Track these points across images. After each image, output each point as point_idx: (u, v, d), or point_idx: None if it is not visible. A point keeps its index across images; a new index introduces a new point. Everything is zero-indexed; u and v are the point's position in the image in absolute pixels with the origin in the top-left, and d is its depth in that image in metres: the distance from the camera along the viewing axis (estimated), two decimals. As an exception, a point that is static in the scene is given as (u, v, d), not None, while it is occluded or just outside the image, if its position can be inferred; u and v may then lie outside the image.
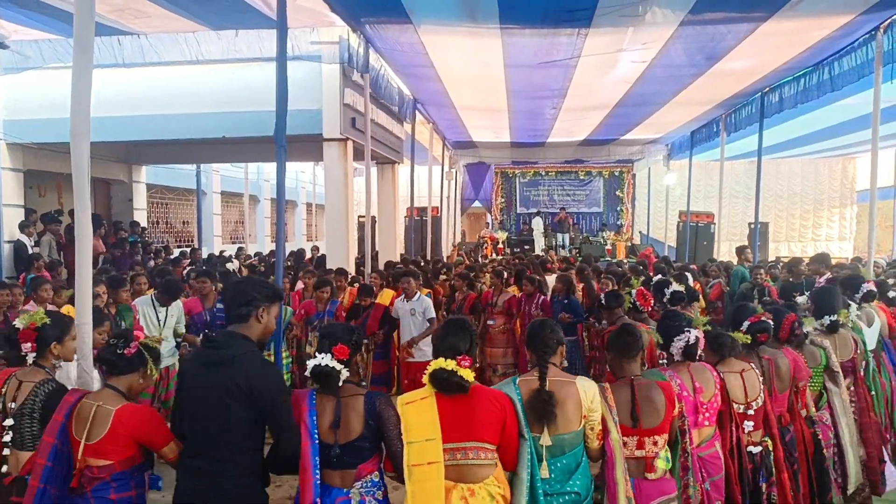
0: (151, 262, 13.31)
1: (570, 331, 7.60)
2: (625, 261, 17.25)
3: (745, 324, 4.12)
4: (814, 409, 4.41)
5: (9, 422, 3.28)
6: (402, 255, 15.11)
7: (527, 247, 21.69)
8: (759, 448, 3.86)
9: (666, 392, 3.45)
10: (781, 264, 12.56)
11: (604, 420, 3.27)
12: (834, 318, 4.83)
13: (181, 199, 19.72)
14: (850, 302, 5.23)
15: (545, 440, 3.14)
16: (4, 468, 3.26)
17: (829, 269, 9.20)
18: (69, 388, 3.55)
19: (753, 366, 3.96)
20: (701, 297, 8.78)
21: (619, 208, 26.24)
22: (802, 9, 8.01)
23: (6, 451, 3.28)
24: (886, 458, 4.96)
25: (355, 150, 11.18)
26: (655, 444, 3.39)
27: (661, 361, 4.38)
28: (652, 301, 5.85)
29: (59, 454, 3.06)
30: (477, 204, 26.32)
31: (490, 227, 26.04)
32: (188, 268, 11.39)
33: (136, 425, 3.11)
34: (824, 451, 4.32)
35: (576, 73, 11.09)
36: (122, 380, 3.24)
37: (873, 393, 5.11)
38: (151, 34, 9.33)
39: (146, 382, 3.37)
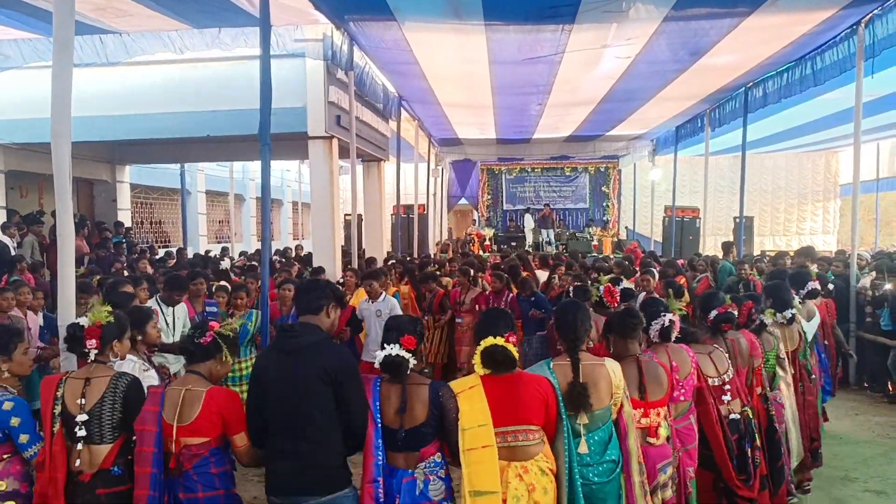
0: (136, 263, 13.21)
1: (539, 326, 7.87)
2: (611, 256, 17.31)
3: (713, 312, 4.48)
4: (769, 388, 4.78)
5: (82, 417, 3.32)
6: (388, 252, 15.09)
7: (514, 243, 21.72)
8: (739, 416, 4.21)
9: (665, 370, 3.82)
10: (767, 258, 12.69)
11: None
12: (793, 312, 5.25)
13: (166, 199, 19.60)
14: (795, 297, 5.53)
15: (582, 420, 3.42)
16: (77, 462, 3.33)
17: (814, 262, 9.28)
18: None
19: (719, 346, 4.38)
20: (686, 291, 8.85)
21: (604, 204, 26.31)
22: (784, 4, 8.07)
23: (80, 447, 3.34)
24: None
25: (340, 148, 11.15)
26: (658, 414, 3.76)
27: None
28: (618, 297, 6.05)
29: (159, 441, 3.25)
30: (463, 201, 26.32)
31: (477, 224, 26.04)
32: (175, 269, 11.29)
33: (225, 404, 3.32)
34: (776, 424, 4.66)
35: (560, 69, 11.11)
36: (201, 366, 3.45)
37: (813, 377, 5.55)
38: (133, 32, 9.24)
39: (224, 368, 3.57)
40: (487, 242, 22.58)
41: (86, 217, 14.40)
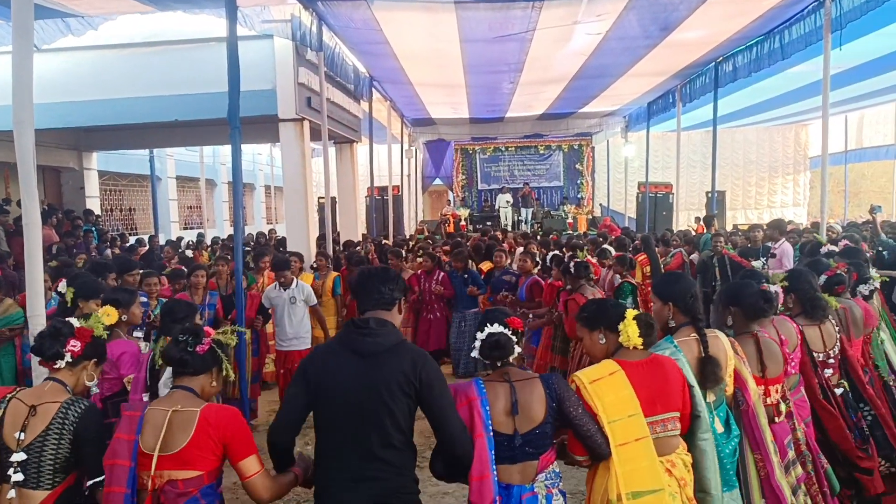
0: (108, 251, 13.04)
1: (472, 303, 7.97)
2: (584, 233, 17.40)
3: (823, 277, 4.34)
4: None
5: (19, 457, 2.77)
6: (363, 234, 15.04)
7: (489, 223, 21.74)
8: (840, 389, 4.05)
9: (777, 344, 3.59)
10: (740, 232, 12.86)
11: (737, 372, 3.30)
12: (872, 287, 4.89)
13: (135, 186, 19.33)
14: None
15: (710, 397, 3.14)
16: None
17: (783, 234, 9.42)
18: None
19: (830, 317, 4.11)
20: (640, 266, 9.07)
21: (579, 181, 26.39)
22: (753, -22, 8.10)
23: (11, 494, 2.74)
24: None
25: (312, 130, 11.04)
26: (777, 391, 3.54)
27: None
28: (601, 270, 6.14)
29: (133, 478, 2.60)
30: (438, 181, 26.26)
31: (452, 204, 26.01)
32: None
33: (227, 426, 2.68)
34: None
35: (532, 46, 11.08)
36: (194, 381, 2.80)
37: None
38: (97, 15, 9.04)
39: (217, 385, 2.91)
40: (463, 222, 22.57)
41: (54, 206, 14.16)
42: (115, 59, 10.88)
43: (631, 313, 3.02)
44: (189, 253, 12.89)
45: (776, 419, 3.49)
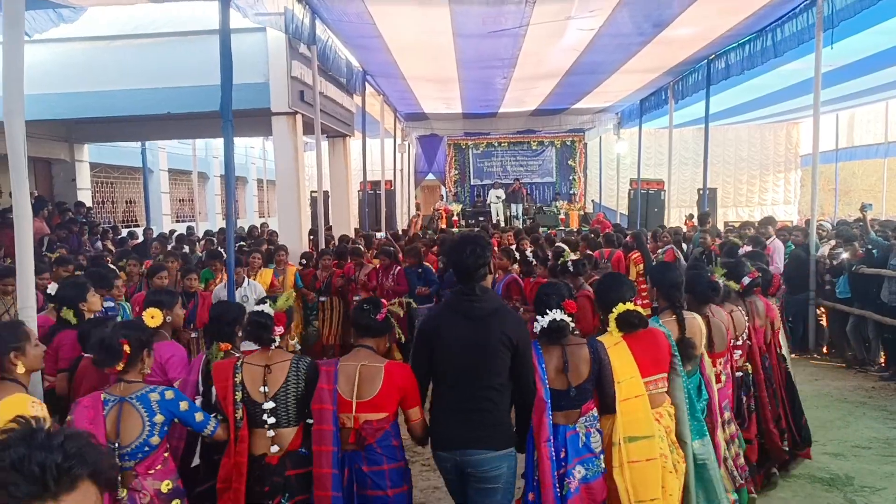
0: (99, 244, 13.00)
1: (427, 298, 7.98)
2: (575, 230, 17.45)
3: (746, 279, 5.02)
4: (785, 349, 5.39)
5: (269, 405, 3.37)
6: (356, 229, 15.03)
7: (482, 218, 21.77)
8: (741, 373, 4.78)
9: (724, 326, 4.44)
10: (734, 230, 12.94)
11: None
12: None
13: (127, 178, 19.24)
14: None
15: (687, 367, 3.84)
16: (275, 448, 3.39)
17: (774, 231, 9.49)
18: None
19: (740, 307, 4.84)
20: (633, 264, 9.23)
21: (571, 177, 26.41)
22: (745, -25, 8.12)
23: (271, 433, 3.38)
24: None
25: (305, 124, 11.02)
26: (720, 364, 4.37)
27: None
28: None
29: (336, 418, 3.31)
30: (431, 176, 26.24)
31: (444, 199, 26.00)
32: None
33: (404, 379, 3.38)
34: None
35: (525, 41, 11.09)
36: (372, 341, 3.50)
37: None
38: (89, 6, 8.97)
39: (387, 346, 3.63)
40: (455, 217, 22.59)
41: (45, 198, 14.08)
42: (108, 50, 10.81)
43: (619, 308, 3.60)
44: (186, 248, 12.83)
45: (718, 385, 4.25)
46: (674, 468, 3.57)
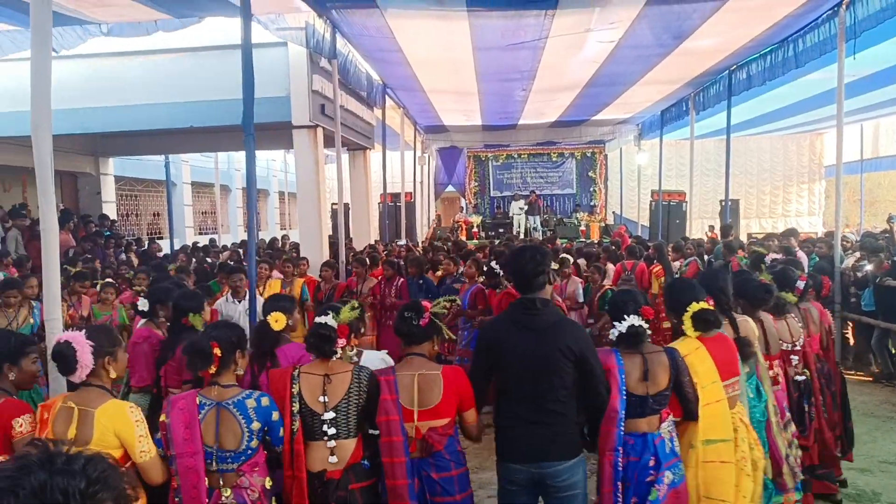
0: (123, 256, 13.16)
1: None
2: (595, 241, 17.36)
3: (800, 283, 5.04)
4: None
5: (329, 415, 3.26)
6: (375, 241, 15.09)
7: (501, 230, 21.73)
8: (802, 377, 4.74)
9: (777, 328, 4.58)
10: (756, 241, 12.82)
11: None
12: None
13: (151, 191, 19.50)
14: None
15: (745, 368, 3.89)
16: (334, 460, 3.27)
17: (798, 242, 9.39)
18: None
19: (794, 315, 4.82)
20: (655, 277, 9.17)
21: (591, 189, 26.30)
22: (766, -14, 8.08)
23: (332, 444, 3.27)
24: None
25: (326, 137, 11.11)
26: (776, 366, 4.45)
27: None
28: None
29: (403, 428, 3.28)
30: (451, 188, 26.28)
31: (464, 211, 26.01)
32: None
33: (462, 384, 3.40)
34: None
35: (544, 54, 11.10)
36: (421, 348, 3.49)
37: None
38: (114, 23, 9.14)
39: (437, 348, 3.60)
40: (475, 229, 22.58)
41: (70, 210, 14.30)
42: (132, 65, 11.00)
43: (693, 307, 3.66)
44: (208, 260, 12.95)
45: (776, 388, 4.25)
46: (752, 469, 3.63)
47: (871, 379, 8.54)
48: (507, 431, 3.45)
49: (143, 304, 5.06)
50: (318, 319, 3.43)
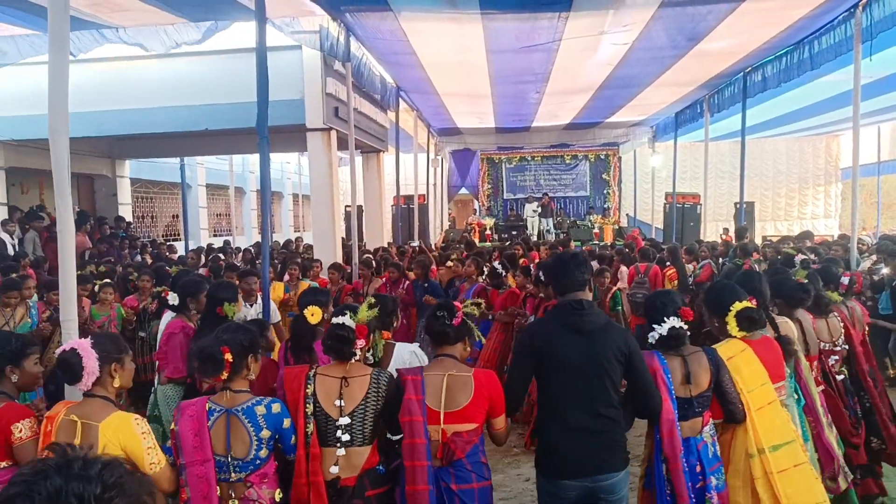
0: (139, 257, 13.25)
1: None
2: (608, 243, 17.32)
3: (844, 279, 5.00)
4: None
5: (344, 420, 3.12)
6: (388, 243, 15.11)
7: (514, 232, 21.72)
8: (841, 376, 4.66)
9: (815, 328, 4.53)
10: (770, 244, 12.75)
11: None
12: None
13: (166, 193, 19.63)
14: None
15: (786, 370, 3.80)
16: (335, 469, 3.11)
17: (812, 244, 9.33)
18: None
19: (835, 313, 4.73)
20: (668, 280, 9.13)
21: (605, 191, 26.24)
22: (781, -13, 8.03)
23: (341, 452, 3.12)
24: None
25: (339, 140, 11.15)
26: (815, 367, 4.37)
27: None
28: None
29: (427, 431, 3.10)
30: (464, 191, 26.28)
31: (478, 213, 26.01)
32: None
33: (492, 387, 3.22)
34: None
35: (558, 56, 11.08)
36: (454, 349, 3.34)
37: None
38: (130, 27, 9.22)
39: (468, 351, 3.47)
40: (488, 232, 22.57)
41: (87, 212, 14.42)
42: (148, 68, 11.09)
43: (736, 307, 3.54)
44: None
45: (819, 388, 4.15)
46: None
47: (887, 383, 8.45)
48: (555, 444, 3.23)
49: (173, 298, 5.11)
50: (335, 320, 3.28)
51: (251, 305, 6.58)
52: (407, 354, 3.86)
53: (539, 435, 3.36)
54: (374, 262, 8.90)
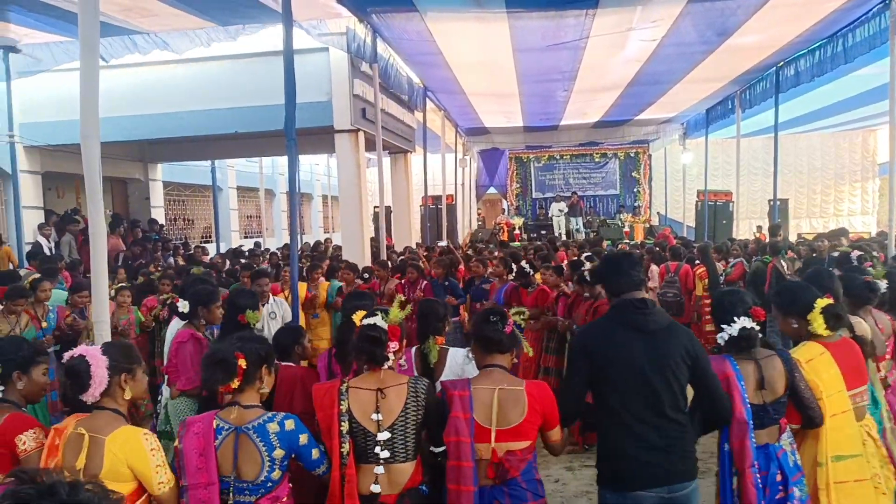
0: (171, 259, 13.44)
1: (454, 312, 7.71)
2: (639, 242, 17.15)
3: None
4: None
5: (384, 436, 2.90)
6: (417, 243, 15.14)
7: (543, 231, 21.62)
8: None
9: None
10: (805, 241, 12.53)
11: None
12: None
13: (198, 196, 19.87)
14: None
15: None
16: (377, 488, 2.90)
17: (848, 242, 9.14)
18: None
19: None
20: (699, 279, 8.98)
21: (635, 189, 26.03)
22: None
23: (380, 470, 2.90)
24: None
25: (367, 141, 11.19)
26: (884, 368, 4.20)
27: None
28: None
29: (474, 452, 2.89)
30: (492, 190, 26.22)
31: (506, 213, 25.94)
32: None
33: (548, 401, 2.98)
34: None
35: (585, 54, 11.01)
36: (503, 358, 3.08)
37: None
38: (161, 32, 9.36)
39: (514, 363, 3.21)
40: (517, 231, 22.50)
41: (120, 215, 14.67)
42: (178, 73, 11.25)
43: (820, 304, 3.35)
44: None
45: (884, 390, 3.99)
46: (886, 488, 3.34)
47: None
48: (622, 453, 2.99)
49: (183, 306, 4.89)
50: (365, 321, 3.05)
51: (262, 305, 6.40)
52: (461, 359, 3.65)
53: (601, 445, 3.13)
54: (389, 263, 8.86)
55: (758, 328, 3.19)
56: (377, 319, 3.03)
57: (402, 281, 8.19)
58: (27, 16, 8.46)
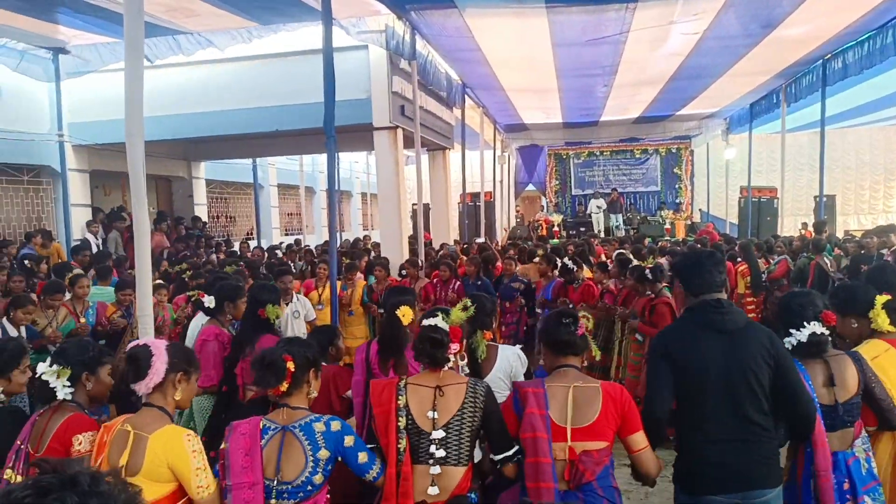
0: (213, 256, 13.66)
1: None
2: (681, 239, 16.90)
3: None
4: None
5: (438, 434, 2.84)
6: (455, 240, 15.15)
7: (583, 228, 21.46)
8: None
9: None
10: (854, 238, 12.22)
11: None
12: None
13: (239, 193, 20.14)
14: None
15: None
16: (434, 491, 2.83)
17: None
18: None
19: None
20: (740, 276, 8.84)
21: (677, 186, 25.63)
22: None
23: (436, 470, 2.84)
24: None
25: (405, 138, 11.22)
26: None
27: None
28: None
29: (552, 449, 2.82)
30: (531, 187, 26.09)
31: (545, 210, 25.78)
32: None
33: (623, 401, 2.88)
34: None
35: (626, 48, 10.88)
36: (576, 359, 3.05)
37: None
38: (205, 31, 9.52)
39: (585, 363, 3.17)
40: (556, 228, 22.36)
41: (165, 213, 14.95)
42: (221, 72, 11.42)
43: (881, 300, 3.28)
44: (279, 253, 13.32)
45: None
46: None
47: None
48: (699, 455, 2.94)
49: (209, 301, 4.91)
50: (426, 322, 2.99)
51: (286, 304, 6.43)
52: (513, 356, 3.62)
53: (680, 446, 3.07)
54: (419, 262, 8.87)
55: (828, 334, 3.08)
56: (438, 320, 2.97)
57: (434, 280, 8.21)
58: (75, 17, 8.67)
